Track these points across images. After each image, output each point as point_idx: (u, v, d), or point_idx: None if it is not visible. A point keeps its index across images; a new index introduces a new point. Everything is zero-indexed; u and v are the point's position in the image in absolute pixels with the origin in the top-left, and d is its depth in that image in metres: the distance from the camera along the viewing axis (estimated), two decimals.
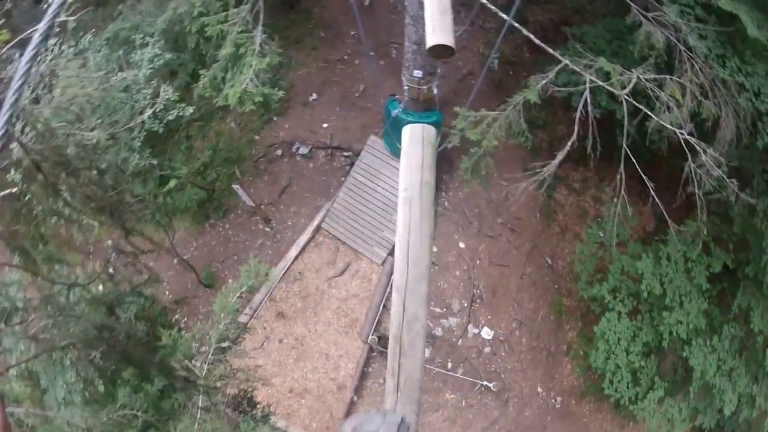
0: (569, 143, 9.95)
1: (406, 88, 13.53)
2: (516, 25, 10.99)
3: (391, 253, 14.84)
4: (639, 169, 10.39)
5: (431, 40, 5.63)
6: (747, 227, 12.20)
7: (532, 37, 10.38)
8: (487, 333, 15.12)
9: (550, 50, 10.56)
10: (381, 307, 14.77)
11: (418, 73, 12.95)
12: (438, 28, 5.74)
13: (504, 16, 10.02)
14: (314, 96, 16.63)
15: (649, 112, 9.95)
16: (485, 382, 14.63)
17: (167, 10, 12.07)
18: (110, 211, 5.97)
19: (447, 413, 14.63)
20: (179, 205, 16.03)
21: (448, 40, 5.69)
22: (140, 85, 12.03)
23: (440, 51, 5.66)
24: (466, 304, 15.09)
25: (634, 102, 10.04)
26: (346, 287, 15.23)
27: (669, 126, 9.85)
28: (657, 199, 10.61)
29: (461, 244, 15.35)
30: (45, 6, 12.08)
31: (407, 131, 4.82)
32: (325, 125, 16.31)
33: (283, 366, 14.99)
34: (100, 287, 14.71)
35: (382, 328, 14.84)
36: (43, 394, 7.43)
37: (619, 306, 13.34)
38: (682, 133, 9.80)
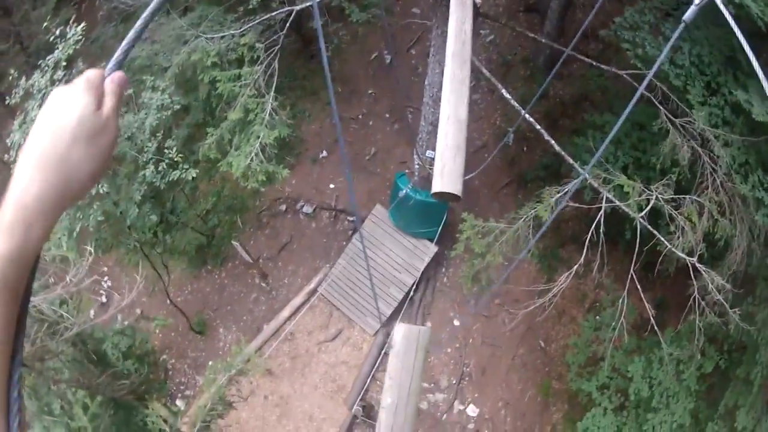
0: (575, 266, 9.85)
1: (417, 165, 13.43)
2: (538, 126, 10.96)
3: (385, 324, 14.71)
4: (641, 292, 10.34)
5: (437, 185, 5.41)
6: (744, 334, 12.09)
7: (555, 145, 10.35)
8: (472, 410, 14.99)
9: (570, 160, 10.48)
10: (369, 378, 14.63)
11: (431, 153, 12.83)
12: (448, 171, 5.49)
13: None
14: (324, 153, 16.53)
15: (662, 238, 9.88)
16: None
17: (181, 53, 11.79)
18: (100, 389, 5.88)
19: None
20: (177, 246, 15.92)
21: (455, 188, 5.45)
22: (145, 136, 11.89)
23: (447, 196, 5.50)
24: (454, 381, 14.97)
25: (648, 226, 9.96)
26: (336, 353, 15.11)
27: (680, 253, 9.77)
28: (656, 326, 10.56)
29: (456, 322, 15.24)
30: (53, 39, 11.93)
31: (402, 330, 4.76)
32: (332, 186, 16.20)
33: (266, 422, 14.88)
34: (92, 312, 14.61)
35: (368, 398, 14.72)
36: None
37: (606, 402, 13.25)
38: (692, 261, 9.72)
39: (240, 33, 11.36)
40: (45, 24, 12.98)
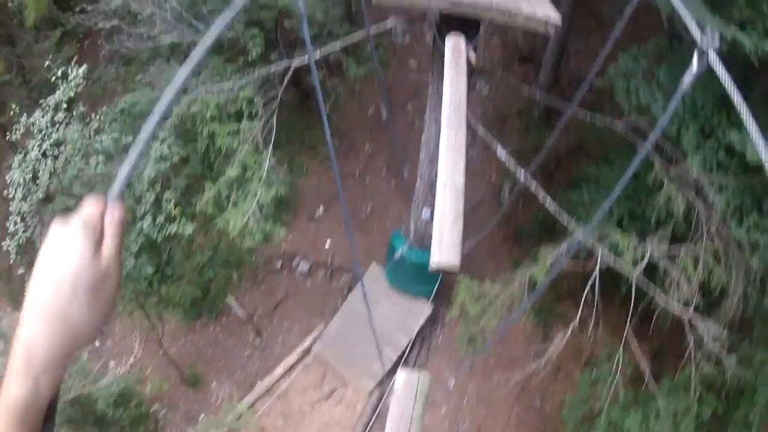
0: (571, 325, 9.83)
1: (412, 225, 13.35)
2: (534, 188, 11.03)
3: (379, 384, 14.50)
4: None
5: (435, 257, 5.34)
6: (740, 378, 11.94)
7: (550, 205, 10.38)
8: None
9: (565, 222, 10.50)
10: None
11: (426, 214, 12.69)
12: (446, 241, 5.43)
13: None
14: (321, 210, 16.54)
15: (658, 295, 9.86)
16: None
17: (181, 103, 11.73)
18: None
19: None
20: (172, 298, 15.77)
21: (454, 259, 5.39)
22: (143, 186, 11.88)
23: (445, 269, 5.47)
24: None
25: (644, 281, 9.93)
26: (330, 413, 14.86)
27: (675, 309, 9.75)
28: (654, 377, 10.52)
29: (451, 382, 15.06)
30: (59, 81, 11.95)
31: (403, 376, 4.76)
32: (328, 243, 16.20)
33: None
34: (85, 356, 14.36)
35: None
36: None
37: None
38: (688, 317, 9.71)
39: (239, 87, 11.43)
40: (47, 63, 13.13)
